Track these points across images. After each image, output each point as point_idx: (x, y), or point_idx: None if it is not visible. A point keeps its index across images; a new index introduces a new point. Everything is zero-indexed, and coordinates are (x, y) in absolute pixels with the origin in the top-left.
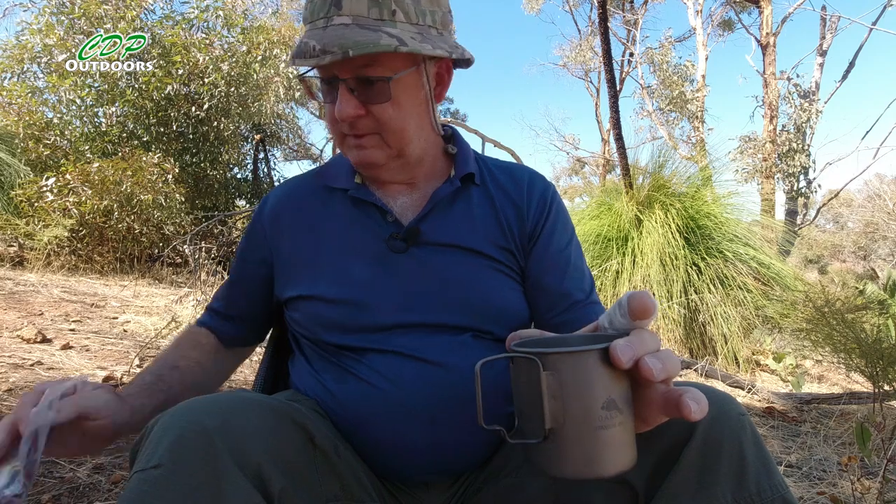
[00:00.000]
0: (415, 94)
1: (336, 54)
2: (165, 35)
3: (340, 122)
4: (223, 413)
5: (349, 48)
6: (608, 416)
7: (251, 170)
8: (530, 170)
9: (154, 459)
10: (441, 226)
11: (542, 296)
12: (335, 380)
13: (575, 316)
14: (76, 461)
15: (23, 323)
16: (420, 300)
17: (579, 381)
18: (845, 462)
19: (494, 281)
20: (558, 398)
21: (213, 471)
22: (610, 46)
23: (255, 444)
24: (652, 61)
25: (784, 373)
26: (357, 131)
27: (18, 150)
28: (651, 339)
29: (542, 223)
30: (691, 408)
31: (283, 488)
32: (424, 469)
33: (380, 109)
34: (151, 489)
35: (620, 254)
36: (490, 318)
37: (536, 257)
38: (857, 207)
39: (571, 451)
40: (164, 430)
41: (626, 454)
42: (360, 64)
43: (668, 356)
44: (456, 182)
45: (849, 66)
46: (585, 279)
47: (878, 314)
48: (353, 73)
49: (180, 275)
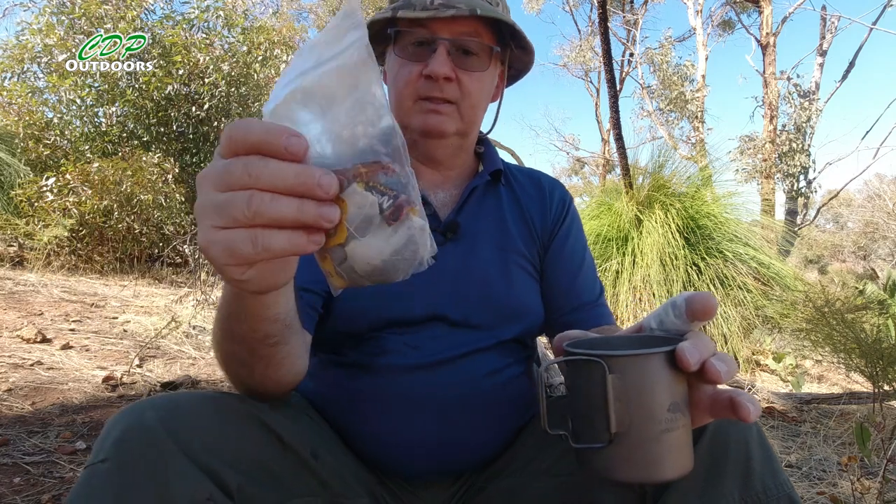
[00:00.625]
0: (492, 80)
1: (462, 10)
2: (166, 35)
3: (427, 80)
4: (171, 410)
5: (477, 7)
6: (673, 419)
7: None
8: (549, 176)
9: (101, 454)
10: (475, 221)
11: (553, 293)
12: (349, 377)
13: (582, 317)
14: (76, 461)
15: (23, 323)
16: (450, 297)
17: (647, 383)
18: (845, 462)
19: (520, 280)
20: (624, 401)
21: (157, 462)
22: (610, 46)
23: (204, 439)
24: (652, 61)
25: (784, 373)
26: (439, 94)
27: (18, 150)
28: (710, 342)
29: (559, 226)
30: (749, 409)
31: (242, 484)
32: (429, 467)
33: (470, 79)
34: (98, 482)
35: (620, 254)
36: (512, 317)
37: (552, 258)
38: (857, 207)
39: (635, 455)
40: (111, 426)
41: (687, 456)
42: (466, 30)
43: (729, 359)
44: (486, 176)
45: (849, 66)
46: (596, 286)
47: (878, 314)
48: (457, 36)
49: (180, 275)
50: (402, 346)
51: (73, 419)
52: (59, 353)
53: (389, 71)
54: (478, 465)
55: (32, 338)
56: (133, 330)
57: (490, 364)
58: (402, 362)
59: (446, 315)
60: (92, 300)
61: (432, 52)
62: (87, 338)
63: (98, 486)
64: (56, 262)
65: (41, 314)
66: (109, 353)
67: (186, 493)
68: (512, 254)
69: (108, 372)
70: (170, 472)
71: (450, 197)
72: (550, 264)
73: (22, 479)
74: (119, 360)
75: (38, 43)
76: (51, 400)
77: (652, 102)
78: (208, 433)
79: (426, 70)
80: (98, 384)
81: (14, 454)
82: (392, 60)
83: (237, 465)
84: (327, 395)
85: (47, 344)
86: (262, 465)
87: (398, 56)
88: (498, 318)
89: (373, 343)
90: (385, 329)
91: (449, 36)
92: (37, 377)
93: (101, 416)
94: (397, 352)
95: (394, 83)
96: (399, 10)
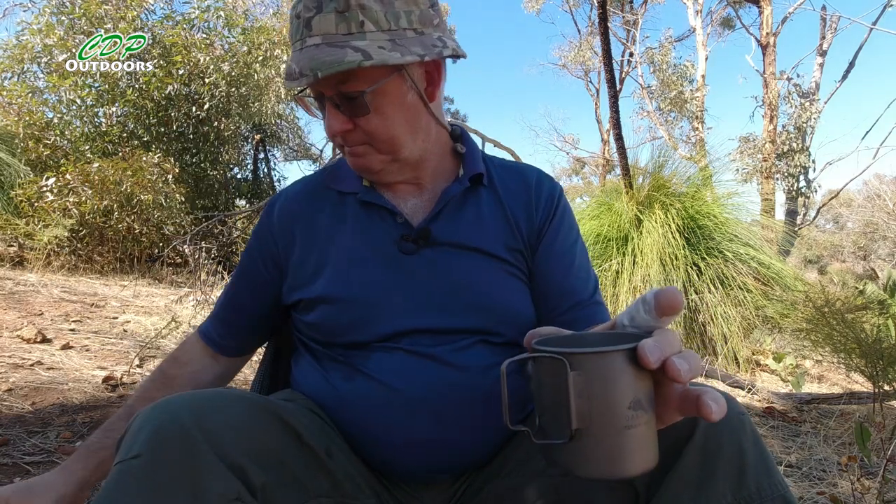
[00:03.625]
0: (399, 100)
1: (308, 77)
2: (166, 35)
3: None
4: (201, 407)
5: (318, 69)
6: (634, 416)
7: (251, 170)
8: (537, 169)
9: (134, 450)
10: (451, 226)
11: (546, 294)
12: (343, 378)
13: (577, 316)
14: None
15: (23, 323)
16: (430, 303)
17: (607, 380)
18: (845, 462)
19: (504, 283)
20: (585, 398)
21: (191, 459)
22: (610, 46)
23: (233, 437)
24: (652, 61)
25: (784, 373)
26: (349, 143)
27: (18, 150)
28: (675, 339)
29: (548, 221)
30: (711, 408)
31: (266, 483)
32: (428, 467)
33: (364, 122)
34: (132, 479)
35: (620, 254)
36: (498, 320)
37: (542, 256)
38: (857, 207)
39: (597, 451)
40: (142, 423)
41: (650, 453)
42: (337, 81)
43: (693, 357)
44: (465, 182)
45: (849, 66)
46: (590, 280)
47: (878, 314)
48: (335, 90)
49: (180, 275)
50: (389, 351)
51: (73, 419)
52: (59, 353)
53: None
54: (476, 465)
55: (32, 338)
56: (133, 330)
57: (482, 364)
58: (393, 367)
59: (428, 324)
60: (92, 300)
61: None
62: (88, 338)
63: (132, 483)
64: (56, 262)
65: (41, 314)
66: (109, 353)
67: (218, 491)
68: (491, 258)
69: (108, 372)
70: (203, 469)
71: (422, 204)
72: (541, 264)
73: (22, 479)
74: (119, 360)
75: (38, 43)
76: (51, 400)
77: (652, 102)
78: (236, 430)
79: (325, 129)
80: (98, 384)
81: (14, 454)
82: None
83: (262, 462)
84: (323, 395)
85: (47, 344)
86: (284, 463)
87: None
88: (483, 320)
89: (361, 349)
90: (368, 335)
91: (329, 93)
92: (37, 377)
93: (101, 416)
94: (386, 357)
95: None
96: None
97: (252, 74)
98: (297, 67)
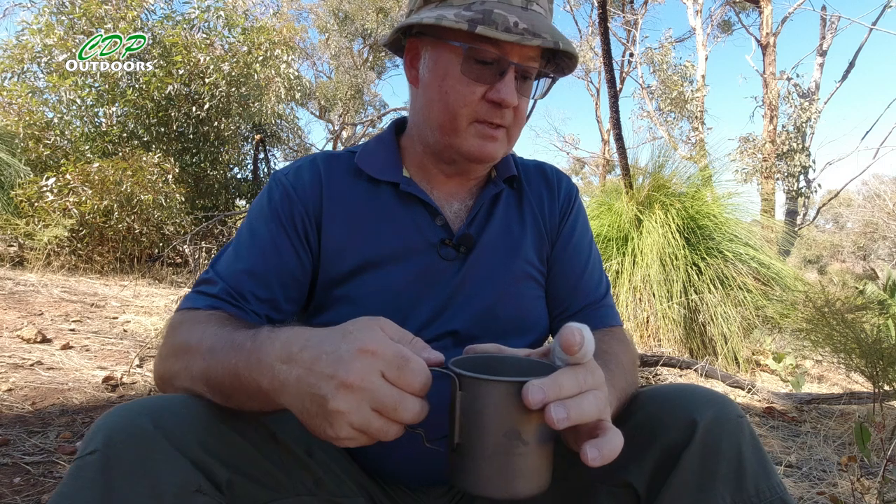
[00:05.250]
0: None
1: (547, 40)
2: (166, 35)
3: (490, 104)
4: (160, 408)
5: (559, 40)
6: (509, 444)
7: (251, 170)
8: (554, 167)
9: (90, 447)
10: (486, 232)
11: (558, 295)
12: None
13: (587, 317)
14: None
15: (23, 323)
16: (457, 312)
17: (485, 406)
18: (845, 462)
19: (529, 292)
20: (466, 417)
21: (148, 453)
22: (610, 46)
23: (193, 434)
24: (652, 61)
25: (784, 373)
26: (499, 120)
27: (18, 150)
28: (569, 383)
29: (566, 220)
30: (588, 455)
31: (232, 479)
32: (420, 477)
33: (524, 104)
34: (88, 472)
35: (620, 254)
36: (516, 331)
37: (557, 254)
38: (857, 207)
39: (473, 469)
40: (99, 426)
41: (529, 482)
42: (533, 55)
43: (579, 404)
44: (500, 184)
45: (849, 66)
46: (602, 282)
47: (878, 314)
48: (525, 62)
49: (180, 275)
50: None
51: (73, 419)
52: (60, 353)
53: (434, 80)
54: None
55: (32, 338)
56: (133, 330)
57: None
58: None
59: (456, 330)
60: (92, 300)
61: (499, 75)
62: (87, 338)
63: (88, 477)
64: (56, 262)
65: (41, 314)
66: (109, 353)
67: (175, 483)
68: (522, 263)
69: (108, 372)
70: (159, 462)
71: (464, 208)
72: (556, 261)
73: (22, 478)
74: (119, 361)
75: (38, 43)
76: (51, 400)
77: (652, 102)
78: (197, 429)
79: (495, 96)
80: (98, 384)
81: (14, 454)
82: (445, 72)
83: (228, 460)
84: None
85: (47, 344)
86: (255, 461)
87: (462, 74)
88: (501, 331)
89: None
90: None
91: (519, 61)
92: (37, 377)
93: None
94: None
95: (445, 100)
96: (478, 26)
97: (252, 74)
98: (526, 24)
